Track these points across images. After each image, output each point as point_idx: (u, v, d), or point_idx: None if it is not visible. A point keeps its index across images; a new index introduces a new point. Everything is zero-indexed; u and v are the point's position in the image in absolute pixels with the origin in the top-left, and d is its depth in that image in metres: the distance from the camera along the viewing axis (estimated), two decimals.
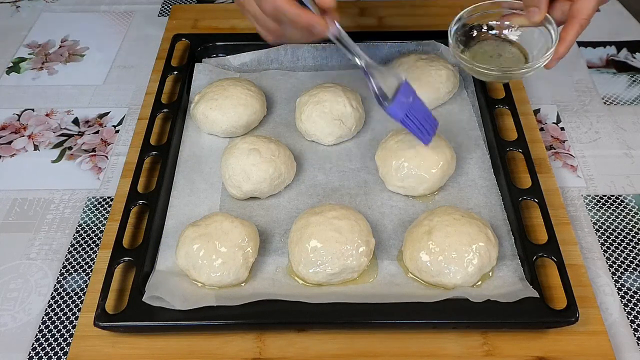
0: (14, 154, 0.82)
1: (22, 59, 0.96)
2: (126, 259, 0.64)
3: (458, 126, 0.80)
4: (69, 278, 0.67)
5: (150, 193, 0.70)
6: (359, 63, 0.66)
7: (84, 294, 0.65)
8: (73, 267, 0.68)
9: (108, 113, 0.87)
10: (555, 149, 0.80)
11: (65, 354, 0.61)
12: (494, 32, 0.72)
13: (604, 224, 0.71)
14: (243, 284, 0.63)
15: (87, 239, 0.71)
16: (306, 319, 0.60)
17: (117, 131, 0.84)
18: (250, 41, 0.89)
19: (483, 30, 0.72)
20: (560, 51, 0.67)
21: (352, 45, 0.65)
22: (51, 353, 0.61)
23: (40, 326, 0.63)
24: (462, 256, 0.61)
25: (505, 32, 0.72)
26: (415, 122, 0.67)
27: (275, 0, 0.60)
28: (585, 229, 0.71)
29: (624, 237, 0.70)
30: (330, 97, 0.77)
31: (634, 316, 0.63)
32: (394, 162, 0.70)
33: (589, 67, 0.92)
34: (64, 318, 0.64)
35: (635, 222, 0.72)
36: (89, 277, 0.66)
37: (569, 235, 0.68)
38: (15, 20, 1.04)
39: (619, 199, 0.74)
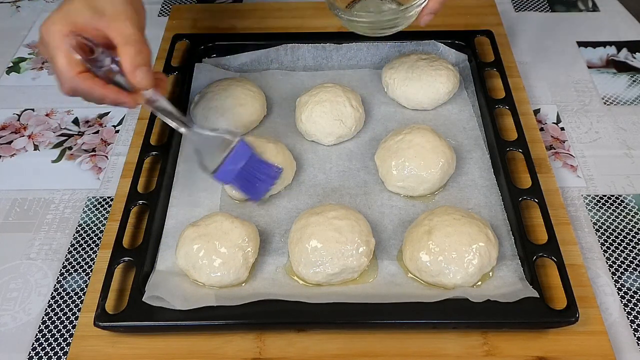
0: (14, 154, 0.82)
1: (22, 59, 0.96)
2: (126, 259, 0.64)
3: (458, 126, 0.80)
4: (69, 278, 0.67)
5: (150, 193, 0.70)
6: (180, 130, 0.63)
7: (84, 294, 0.65)
8: (73, 267, 0.68)
9: (108, 113, 0.87)
10: (555, 149, 0.80)
11: (65, 354, 0.61)
12: None
13: (604, 224, 0.71)
14: (243, 284, 0.63)
15: (87, 239, 0.71)
16: (306, 319, 0.60)
17: (117, 131, 0.84)
18: (250, 41, 0.89)
19: None
20: (431, 5, 0.68)
21: (173, 114, 0.62)
22: (51, 353, 0.61)
23: (40, 326, 0.63)
24: (462, 256, 0.61)
25: None
26: (246, 182, 0.66)
27: (72, 83, 0.57)
28: (585, 229, 0.71)
29: (624, 237, 0.70)
30: (330, 97, 0.77)
31: (634, 316, 0.63)
32: (394, 162, 0.70)
33: (589, 67, 0.92)
34: (64, 318, 0.64)
35: (635, 222, 0.72)
36: (89, 277, 0.66)
37: (569, 235, 0.68)
38: (15, 20, 1.04)
39: (619, 199, 0.74)
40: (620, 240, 0.70)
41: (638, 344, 0.61)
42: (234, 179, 0.66)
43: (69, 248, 0.70)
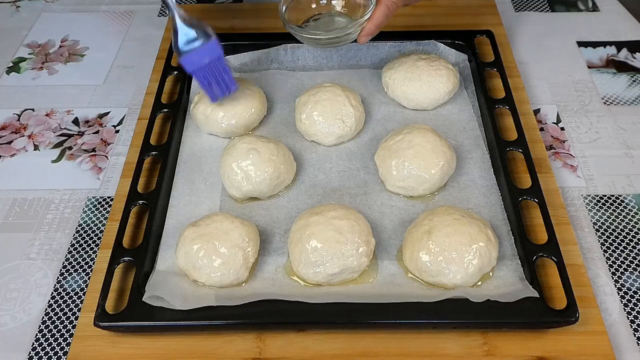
0: (14, 154, 0.82)
1: (22, 59, 0.96)
2: (126, 259, 0.64)
3: (458, 126, 0.80)
4: (69, 278, 0.67)
5: (150, 193, 0.70)
6: (169, 13, 0.71)
7: (84, 294, 0.65)
8: (73, 267, 0.68)
9: (108, 113, 0.87)
10: (555, 149, 0.80)
11: (65, 354, 0.61)
12: (323, 1, 0.80)
13: (604, 224, 0.71)
14: (243, 284, 0.63)
15: (87, 239, 0.71)
16: (306, 319, 0.60)
17: (117, 131, 0.84)
18: (250, 41, 0.89)
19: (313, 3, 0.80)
20: (367, 27, 0.73)
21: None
22: (51, 353, 0.61)
23: (40, 326, 0.63)
24: (462, 256, 0.61)
25: (333, 2, 0.80)
26: (206, 80, 0.72)
27: None
28: (585, 229, 0.71)
29: (624, 237, 0.70)
30: (330, 96, 0.77)
31: (634, 316, 0.63)
32: (394, 162, 0.70)
33: (589, 67, 0.92)
34: (64, 318, 0.64)
35: (635, 222, 0.72)
36: (89, 277, 0.66)
37: (569, 235, 0.68)
38: (15, 20, 1.04)
39: (619, 199, 0.74)
40: (620, 240, 0.70)
41: (638, 344, 0.61)
42: (197, 69, 0.71)
43: (69, 248, 0.70)
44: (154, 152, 0.75)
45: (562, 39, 0.97)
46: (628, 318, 0.63)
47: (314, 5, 0.80)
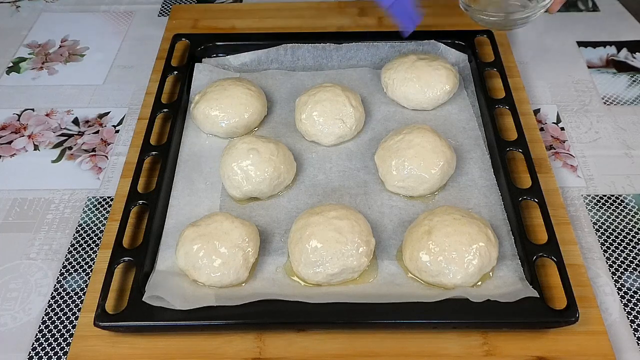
0: (14, 154, 0.82)
1: (22, 59, 0.96)
2: (126, 259, 0.64)
3: (458, 126, 0.80)
4: (69, 278, 0.67)
5: (150, 193, 0.70)
6: None
7: (84, 294, 0.65)
8: (73, 267, 0.68)
9: (108, 113, 0.87)
10: (555, 149, 0.80)
11: (65, 354, 0.61)
12: None
13: (604, 224, 0.71)
14: (243, 284, 0.63)
15: (87, 239, 0.71)
16: (306, 319, 0.60)
17: (117, 131, 0.84)
18: (250, 41, 0.89)
19: None
20: None
21: None
22: (51, 353, 0.61)
23: (40, 326, 0.63)
24: (462, 256, 0.61)
25: None
26: (400, 9, 0.76)
27: None
28: (585, 229, 0.71)
29: (624, 237, 0.70)
30: (330, 96, 0.77)
31: (634, 316, 0.63)
32: (394, 162, 0.70)
33: (589, 67, 0.92)
34: (64, 318, 0.64)
35: (635, 222, 0.72)
36: (89, 277, 0.66)
37: (569, 235, 0.68)
38: (15, 20, 1.04)
39: (619, 199, 0.74)
40: (620, 240, 0.70)
41: (638, 344, 0.61)
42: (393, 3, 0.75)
43: (69, 248, 0.70)
44: (154, 152, 0.75)
45: (562, 39, 0.97)
46: (628, 318, 0.63)
47: None
